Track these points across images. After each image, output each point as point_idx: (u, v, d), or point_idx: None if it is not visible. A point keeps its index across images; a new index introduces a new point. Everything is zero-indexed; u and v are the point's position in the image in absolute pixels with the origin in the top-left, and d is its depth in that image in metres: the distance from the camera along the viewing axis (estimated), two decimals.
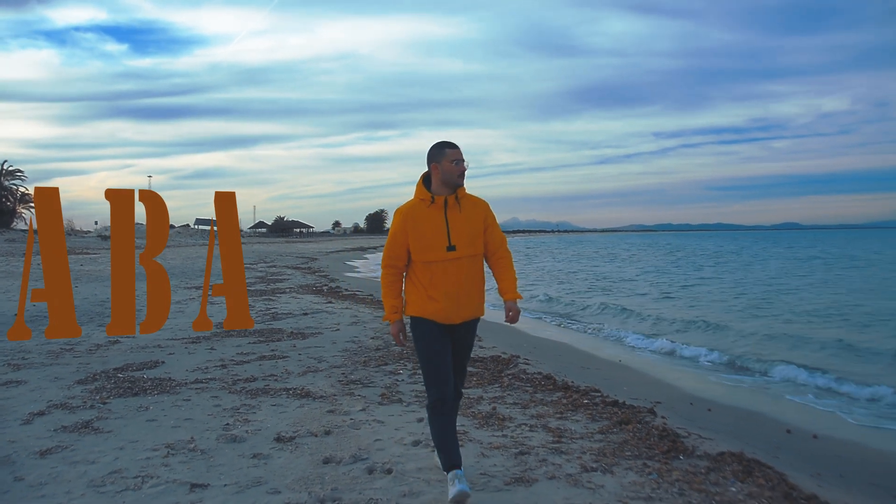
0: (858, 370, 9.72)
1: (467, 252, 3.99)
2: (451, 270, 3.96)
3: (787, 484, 4.30)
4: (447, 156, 3.98)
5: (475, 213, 4.08)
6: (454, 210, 4.01)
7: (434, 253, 3.95)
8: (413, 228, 3.97)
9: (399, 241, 4.03)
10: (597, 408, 6.10)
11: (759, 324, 14.95)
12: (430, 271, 3.97)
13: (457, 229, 3.98)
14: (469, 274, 4.02)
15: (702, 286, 26.02)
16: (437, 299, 3.96)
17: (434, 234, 3.96)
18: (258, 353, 8.52)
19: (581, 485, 4.14)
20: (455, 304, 3.98)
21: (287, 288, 18.91)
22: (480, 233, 4.08)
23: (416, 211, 4.01)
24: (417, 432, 5.18)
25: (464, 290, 4.00)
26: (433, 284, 3.97)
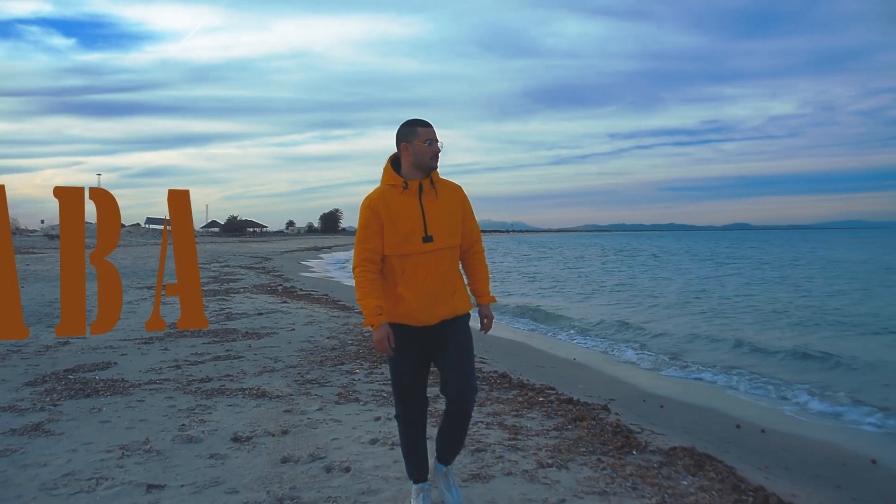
0: (799, 366, 10.02)
1: (446, 243, 3.57)
2: (426, 265, 3.54)
3: (736, 476, 4.44)
4: (419, 135, 3.55)
5: (453, 200, 3.67)
6: (429, 196, 3.58)
7: (409, 244, 3.50)
8: (388, 217, 3.51)
9: (375, 232, 3.54)
10: (552, 405, 6.19)
11: (700, 322, 15.29)
12: (402, 265, 3.54)
13: (434, 218, 3.55)
14: (446, 268, 3.60)
15: (632, 284, 26.46)
16: (408, 299, 3.53)
17: (409, 224, 3.51)
18: (213, 353, 8.44)
19: (537, 480, 4.22)
20: (429, 302, 3.55)
21: (241, 288, 18.72)
22: (458, 221, 3.67)
23: (388, 198, 3.55)
24: (375, 430, 5.21)
25: (439, 286, 3.57)
26: (404, 281, 3.54)
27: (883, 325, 14.57)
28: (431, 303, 3.56)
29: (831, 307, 18.13)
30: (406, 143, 3.57)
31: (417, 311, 3.55)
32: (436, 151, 3.58)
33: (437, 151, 3.58)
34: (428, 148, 3.55)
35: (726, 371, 9.61)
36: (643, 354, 11.10)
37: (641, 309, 18.29)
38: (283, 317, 12.29)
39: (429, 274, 3.55)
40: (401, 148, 3.60)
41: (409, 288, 3.54)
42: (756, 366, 9.98)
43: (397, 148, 3.64)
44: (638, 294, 22.83)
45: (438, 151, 3.59)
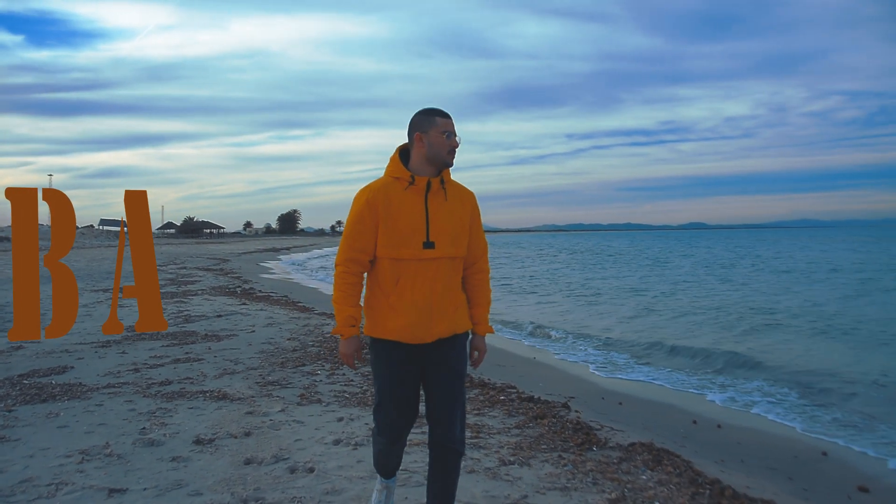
0: (754, 364, 10.26)
1: (448, 252, 3.14)
2: (424, 274, 3.11)
3: (693, 470, 4.56)
4: (437, 125, 3.15)
5: (462, 205, 3.26)
6: (437, 197, 3.17)
7: (406, 249, 3.09)
8: (386, 214, 3.10)
9: (368, 228, 3.13)
10: (513, 403, 6.27)
11: (656, 320, 15.56)
12: (397, 272, 3.12)
13: (438, 221, 3.13)
14: (446, 281, 3.17)
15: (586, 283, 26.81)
16: (402, 311, 3.11)
17: (409, 225, 3.10)
18: (172, 356, 8.35)
19: (499, 477, 4.28)
20: (426, 317, 3.12)
21: (199, 290, 18.51)
22: (465, 230, 3.24)
23: (390, 191, 3.14)
24: (338, 431, 5.22)
25: (438, 300, 3.15)
26: (398, 290, 3.11)
27: (828, 323, 14.98)
28: (428, 318, 3.13)
29: (786, 306, 18.56)
30: (421, 133, 3.16)
31: (412, 327, 3.12)
32: (453, 146, 3.18)
33: (454, 146, 3.18)
34: (445, 140, 3.15)
35: (685, 370, 9.80)
36: (602, 354, 11.25)
37: (599, 308, 18.52)
38: (243, 319, 12.20)
39: (427, 285, 3.12)
40: (414, 138, 3.19)
41: (403, 299, 3.12)
42: (710, 364, 10.20)
43: (409, 138, 3.22)
44: (596, 293, 23.10)
45: (456, 146, 3.19)
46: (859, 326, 14.15)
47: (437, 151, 3.15)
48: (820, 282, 26.57)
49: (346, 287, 3.19)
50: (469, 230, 3.27)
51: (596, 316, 16.70)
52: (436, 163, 3.17)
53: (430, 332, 3.15)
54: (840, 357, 10.79)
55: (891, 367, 9.84)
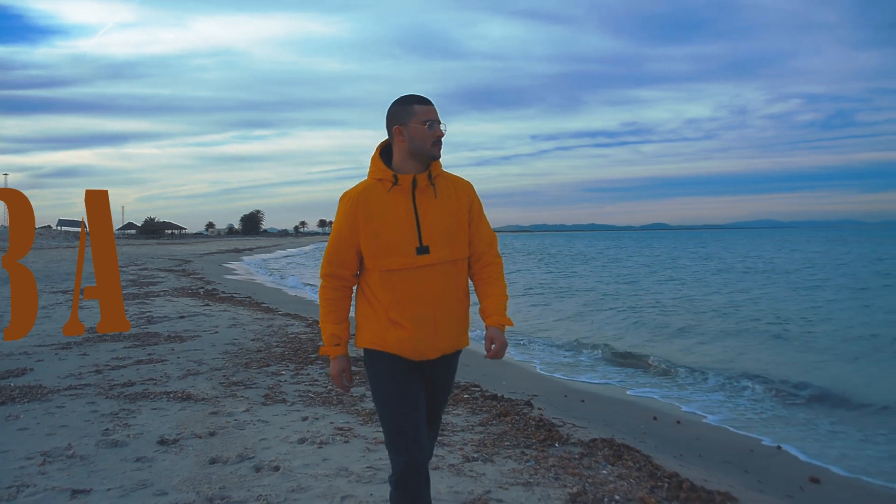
0: (713, 360, 10.48)
1: (444, 255, 2.81)
2: (422, 283, 2.78)
3: (653, 464, 4.68)
4: (416, 114, 2.81)
5: (456, 200, 2.90)
6: (426, 195, 2.83)
7: (398, 257, 2.76)
8: (367, 221, 2.78)
9: (346, 241, 2.83)
10: (476, 402, 6.35)
11: (612, 318, 15.79)
12: (391, 284, 2.78)
13: (430, 222, 2.80)
14: (448, 287, 2.84)
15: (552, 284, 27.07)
16: (404, 325, 2.78)
17: (397, 230, 2.77)
18: (135, 357, 8.29)
19: (463, 474, 4.35)
20: (430, 331, 2.81)
21: (161, 291, 18.31)
22: (463, 227, 2.90)
23: (371, 196, 2.81)
24: (303, 430, 5.25)
25: (442, 311, 2.82)
26: (397, 304, 2.78)
27: (786, 321, 15.34)
28: (432, 332, 2.81)
29: (750, 306, 18.93)
30: (400, 126, 2.82)
31: (415, 342, 2.79)
32: (438, 135, 2.83)
33: (439, 136, 2.83)
34: (427, 131, 2.80)
35: (645, 369, 9.98)
36: (565, 353, 11.40)
37: (560, 307, 18.71)
38: (206, 320, 12.12)
39: (427, 295, 2.79)
40: (393, 132, 2.85)
41: (404, 313, 2.78)
42: (671, 360, 10.39)
43: (388, 132, 2.89)
44: (557, 294, 23.32)
45: (442, 135, 2.84)
46: (813, 330, 14.48)
47: (419, 144, 2.80)
48: (772, 283, 27.11)
49: (326, 304, 2.92)
50: (468, 226, 2.93)
51: (555, 316, 16.88)
52: (420, 157, 2.82)
53: (434, 347, 2.84)
54: (789, 357, 11.07)
55: (836, 368, 10.14)
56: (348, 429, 5.28)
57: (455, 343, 2.92)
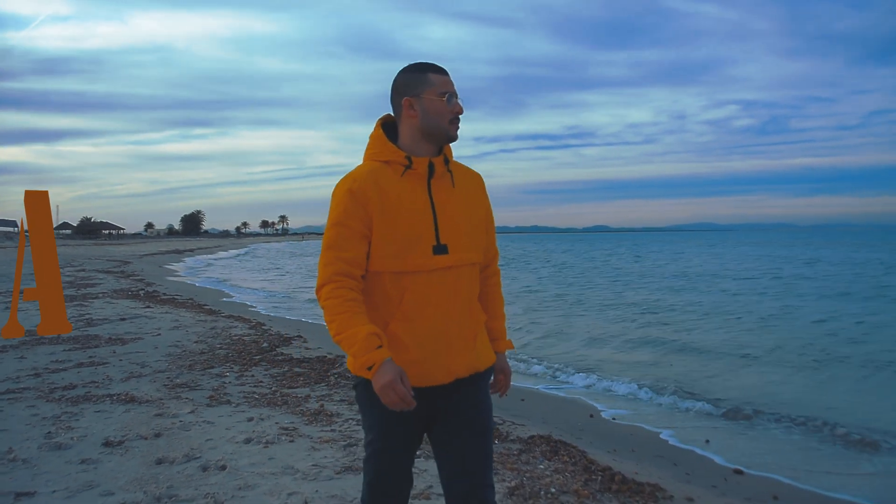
0: (647, 360, 10.85)
1: (465, 257, 2.35)
2: (437, 289, 2.29)
3: (587, 459, 4.92)
4: (433, 85, 2.32)
5: (475, 192, 2.48)
6: (443, 183, 2.37)
7: (412, 256, 2.27)
8: (381, 210, 2.26)
9: (358, 231, 2.27)
10: None
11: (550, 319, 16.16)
12: (400, 290, 2.29)
13: (449, 216, 2.33)
14: (466, 297, 2.38)
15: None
16: (408, 343, 2.27)
17: (412, 224, 2.28)
18: (75, 360, 8.21)
19: None
20: (442, 350, 2.31)
21: (100, 293, 17.99)
22: (481, 225, 2.47)
23: (381, 180, 2.30)
24: (248, 430, 5.32)
25: (457, 325, 2.34)
26: (404, 313, 2.28)
27: (705, 319, 15.89)
28: (444, 351, 2.31)
29: (678, 306, 19.51)
30: (411, 98, 2.33)
31: (423, 363, 2.29)
32: (457, 112, 2.36)
33: (458, 112, 2.36)
34: (445, 105, 2.32)
35: (581, 367, 10.27)
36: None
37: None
38: (148, 322, 12.01)
39: (442, 304, 2.31)
40: (401, 105, 2.36)
41: (410, 326, 2.28)
42: (606, 361, 10.72)
43: (393, 106, 2.42)
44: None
45: (460, 112, 2.37)
46: (741, 336, 15.03)
47: (435, 121, 2.33)
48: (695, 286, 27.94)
49: (347, 306, 2.21)
50: (486, 225, 2.51)
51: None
52: (434, 137, 2.35)
53: (446, 370, 2.32)
54: (714, 356, 11.52)
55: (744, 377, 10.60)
56: (293, 428, 5.37)
57: (472, 364, 2.38)
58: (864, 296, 21.49)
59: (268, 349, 9.34)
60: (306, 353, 9.11)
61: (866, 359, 10.82)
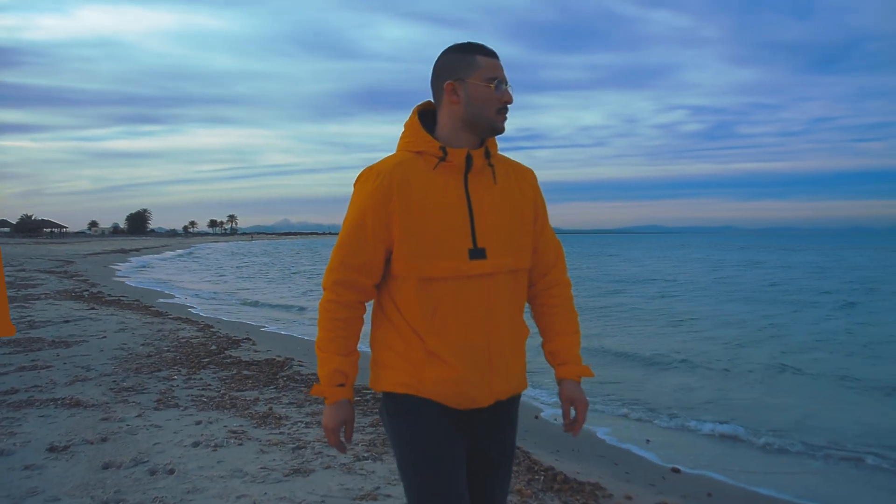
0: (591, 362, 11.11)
1: (505, 263, 2.05)
2: (474, 299, 2.00)
3: (531, 459, 5.08)
4: (480, 68, 2.03)
5: (519, 190, 2.15)
6: (482, 179, 2.07)
7: (444, 260, 1.97)
8: (405, 208, 1.97)
9: (373, 235, 2.00)
10: (368, 404, 6.59)
11: None
12: (432, 300, 1.98)
13: (487, 216, 2.03)
14: (507, 308, 2.07)
15: None
16: (447, 359, 1.98)
17: (445, 223, 1.98)
18: (16, 363, 8.07)
19: (354, 472, 4.58)
20: (484, 367, 2.02)
21: (42, 294, 17.62)
22: (528, 227, 2.15)
23: (409, 174, 2.00)
24: (196, 434, 5.34)
25: (498, 340, 2.04)
26: (439, 328, 1.99)
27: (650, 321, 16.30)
28: (487, 368, 2.02)
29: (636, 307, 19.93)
30: (454, 82, 2.04)
31: (464, 383, 1.99)
32: (506, 101, 2.05)
33: (507, 101, 2.06)
34: (493, 93, 2.03)
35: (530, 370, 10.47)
36: None
37: None
38: (93, 324, 11.83)
39: (481, 316, 2.01)
40: (443, 90, 2.06)
41: (448, 341, 1.99)
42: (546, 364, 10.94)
43: (433, 91, 2.12)
44: None
45: (510, 101, 2.06)
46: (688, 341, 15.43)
47: (480, 109, 2.03)
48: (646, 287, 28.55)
49: (336, 324, 2.05)
50: (534, 227, 2.19)
51: None
52: (478, 127, 2.05)
53: (488, 390, 2.04)
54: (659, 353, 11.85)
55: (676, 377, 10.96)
56: (242, 431, 5.41)
57: (514, 385, 2.13)
58: (773, 299, 22.27)
59: (216, 351, 9.31)
60: (255, 356, 9.11)
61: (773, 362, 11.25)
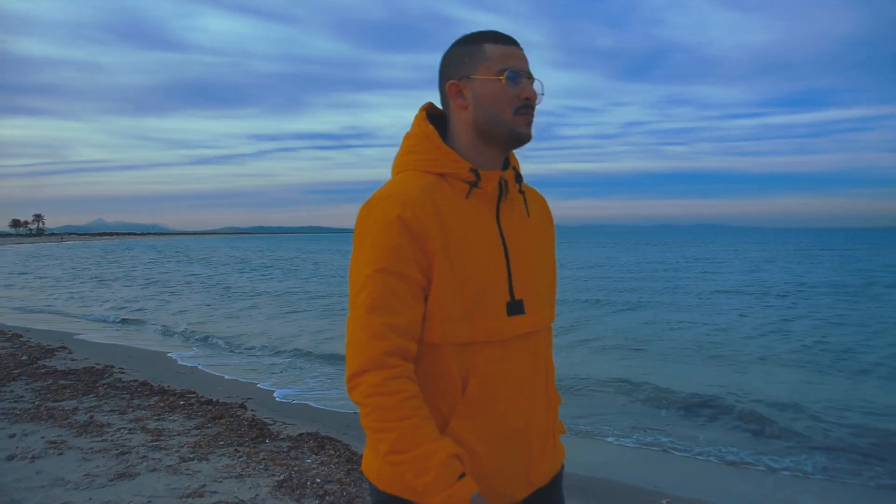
0: None
1: (544, 318, 1.68)
2: (515, 366, 1.60)
3: (351, 451, 5.48)
4: (488, 59, 1.58)
5: (548, 224, 1.81)
6: (514, 211, 1.66)
7: (483, 320, 1.54)
8: (445, 251, 1.51)
9: (414, 283, 1.50)
10: (192, 407, 6.71)
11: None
12: (463, 369, 1.54)
13: (524, 260, 1.64)
14: (547, 373, 1.71)
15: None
16: (477, 447, 1.54)
17: (486, 271, 1.56)
18: None
19: (180, 472, 4.76)
20: (522, 453, 1.62)
21: None
22: (555, 271, 1.81)
23: (442, 204, 1.55)
24: (11, 447, 5.25)
25: (539, 417, 1.67)
26: (470, 407, 1.55)
27: None
28: (523, 455, 1.62)
29: None
30: (458, 81, 1.61)
31: (497, 476, 1.58)
32: (527, 97, 1.58)
33: (529, 98, 1.58)
34: (506, 89, 1.57)
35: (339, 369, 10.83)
36: (276, 358, 11.94)
37: (233, 312, 19.17)
38: None
39: (520, 388, 1.61)
40: (446, 93, 1.65)
41: (478, 423, 1.55)
42: None
43: (440, 95, 1.68)
44: (250, 298, 23.69)
45: (533, 98, 1.59)
46: None
47: (491, 111, 1.58)
48: None
49: (411, 405, 1.46)
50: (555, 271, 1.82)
51: (261, 322, 17.33)
52: (494, 136, 1.60)
53: (525, 482, 1.64)
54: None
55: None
56: (62, 441, 5.39)
57: (555, 465, 1.74)
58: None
59: (28, 362, 8.96)
60: (72, 365, 8.87)
61: None
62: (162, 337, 14.36)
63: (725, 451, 6.49)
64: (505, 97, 1.56)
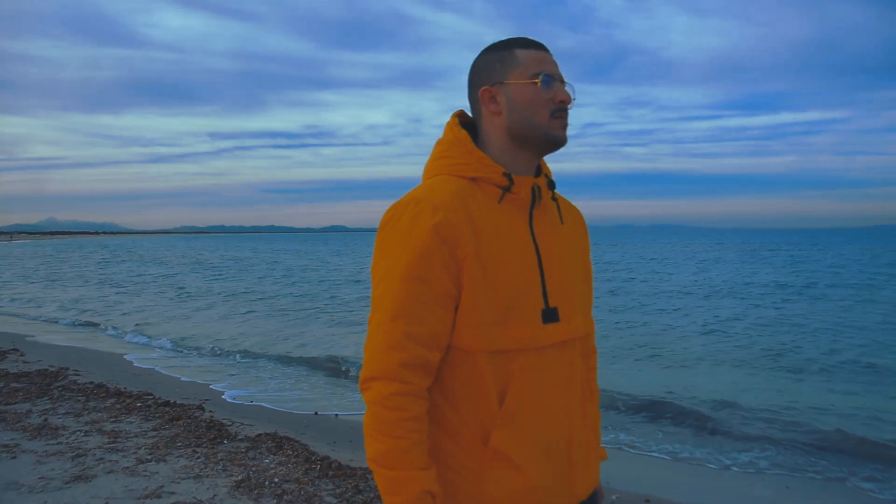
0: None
1: (580, 326, 1.65)
2: (552, 375, 1.57)
3: (309, 451, 5.55)
4: (520, 65, 1.58)
5: (582, 234, 1.79)
6: (547, 217, 1.65)
7: (517, 328, 1.50)
8: (478, 256, 1.48)
9: (443, 291, 1.47)
10: (150, 409, 6.71)
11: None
12: (500, 379, 1.50)
13: (557, 267, 1.61)
14: (584, 382, 1.69)
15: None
16: (519, 460, 1.50)
17: (519, 277, 1.53)
18: None
19: (138, 474, 4.79)
20: (564, 465, 1.58)
21: None
22: (591, 279, 1.79)
23: (475, 209, 1.52)
24: None
25: (580, 428, 1.63)
26: (510, 418, 1.51)
27: None
28: (565, 467, 1.58)
29: None
30: (491, 87, 1.61)
31: (539, 490, 1.53)
32: (561, 100, 1.58)
33: (563, 101, 1.58)
34: (540, 93, 1.57)
35: (316, 369, 10.90)
36: (230, 360, 11.93)
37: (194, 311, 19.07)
38: None
39: (557, 398, 1.58)
40: (479, 99, 1.63)
41: (519, 435, 1.51)
42: (336, 363, 11.45)
43: (470, 103, 1.68)
44: (205, 298, 23.55)
45: (568, 101, 1.59)
46: None
47: (526, 115, 1.58)
48: None
49: (409, 428, 1.44)
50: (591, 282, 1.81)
51: (226, 324, 17.24)
52: (529, 141, 1.60)
53: (570, 496, 1.60)
54: None
55: None
56: (15, 445, 5.36)
57: (595, 477, 1.72)
58: None
59: None
60: (25, 367, 8.77)
61: None
62: (117, 339, 14.21)
63: (674, 448, 6.72)
64: (540, 101, 1.57)
